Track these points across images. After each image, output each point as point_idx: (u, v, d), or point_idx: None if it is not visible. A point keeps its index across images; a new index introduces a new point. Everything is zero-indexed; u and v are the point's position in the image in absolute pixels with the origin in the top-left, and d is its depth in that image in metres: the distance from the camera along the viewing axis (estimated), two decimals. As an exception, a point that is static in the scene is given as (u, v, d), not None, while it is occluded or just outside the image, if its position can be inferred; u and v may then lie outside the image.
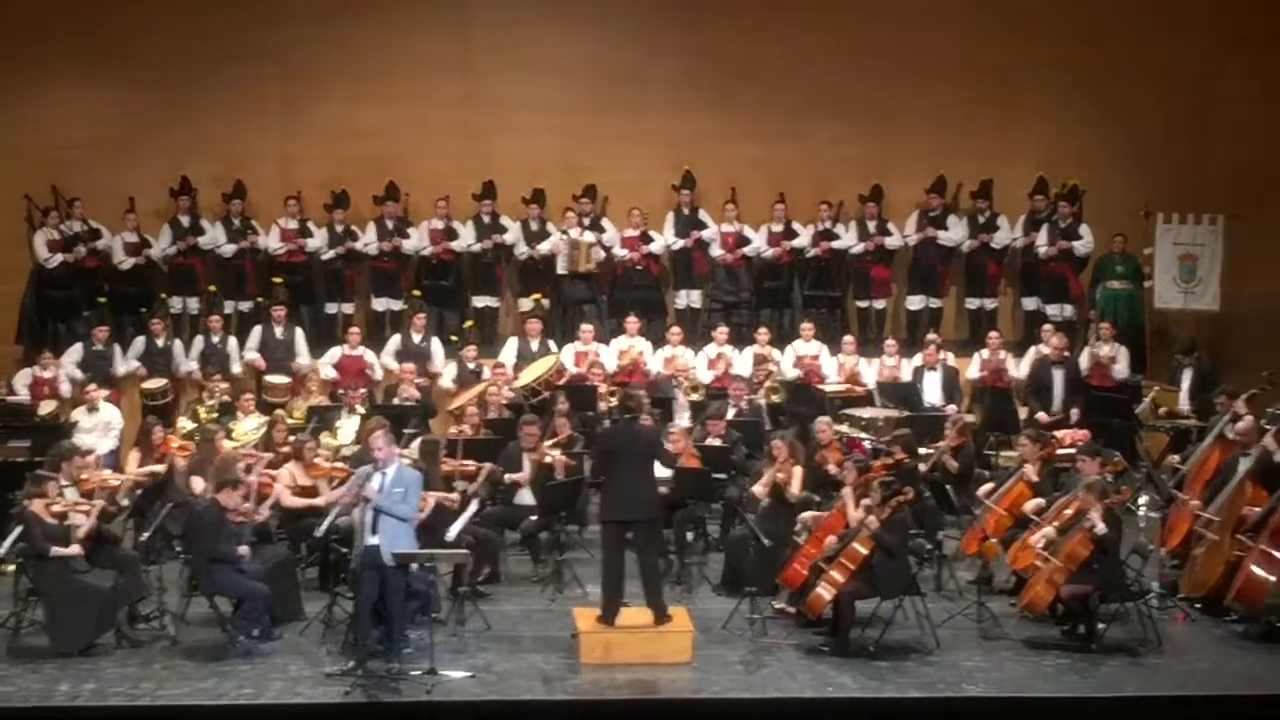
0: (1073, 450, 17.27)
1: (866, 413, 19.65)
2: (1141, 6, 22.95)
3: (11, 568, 15.55)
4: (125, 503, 16.17)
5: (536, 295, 22.26)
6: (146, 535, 15.28)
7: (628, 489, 14.42)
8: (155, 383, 20.74)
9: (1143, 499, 16.42)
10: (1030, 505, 15.54)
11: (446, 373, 21.11)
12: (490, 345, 21.87)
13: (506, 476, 17.03)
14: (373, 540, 13.73)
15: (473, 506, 15.87)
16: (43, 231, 21.77)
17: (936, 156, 23.00)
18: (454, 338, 21.68)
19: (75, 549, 14.41)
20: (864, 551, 14.47)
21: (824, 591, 14.49)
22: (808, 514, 15.73)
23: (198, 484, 16.25)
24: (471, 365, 20.95)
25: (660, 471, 15.35)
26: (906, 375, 21.06)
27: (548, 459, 17.14)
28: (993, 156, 23.06)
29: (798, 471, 16.48)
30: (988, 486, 16.50)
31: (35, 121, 22.42)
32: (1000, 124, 23.25)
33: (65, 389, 20.52)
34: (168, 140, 22.49)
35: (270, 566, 14.96)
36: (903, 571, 14.71)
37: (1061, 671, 14.08)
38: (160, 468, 17.27)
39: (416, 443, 17.25)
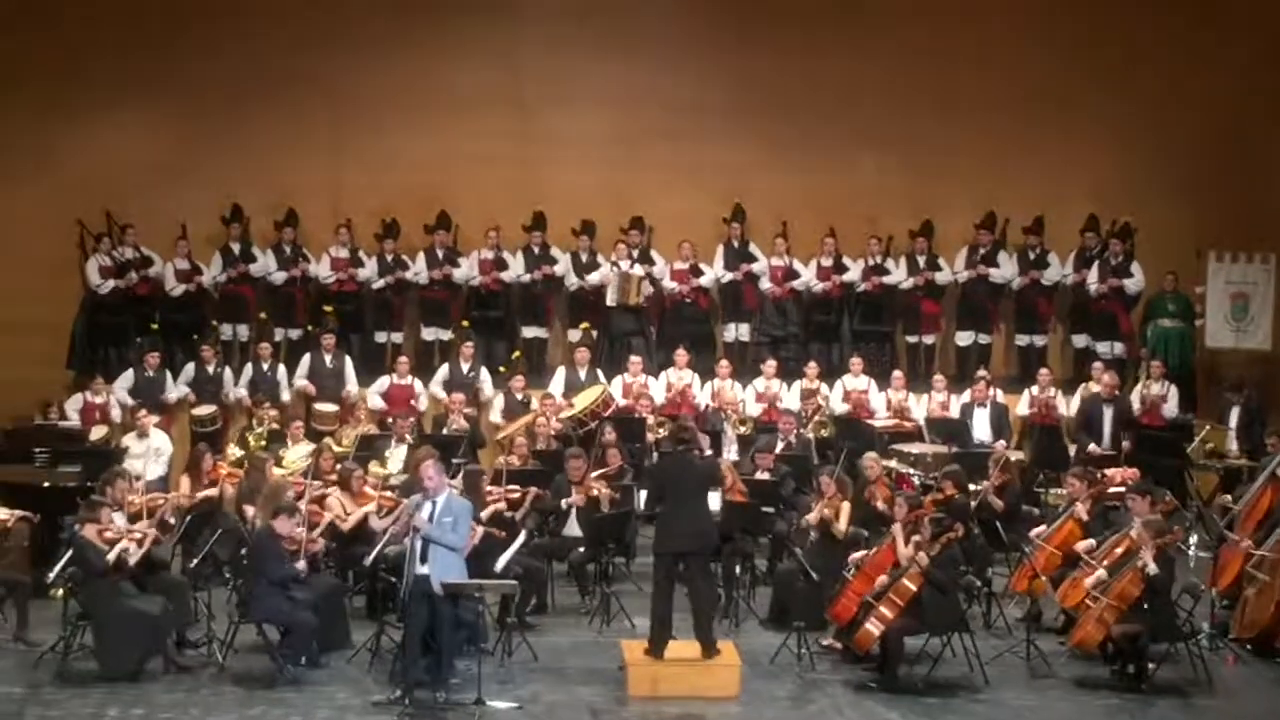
0: (1123, 488, 17.15)
1: (915, 448, 19.63)
2: (1195, 44, 22.92)
3: (60, 592, 15.63)
4: (172, 520, 16.13)
5: (585, 325, 22.24)
6: (196, 562, 15.32)
7: (681, 521, 14.37)
8: (205, 409, 20.82)
9: (1193, 538, 16.32)
10: (1082, 545, 15.43)
11: (495, 403, 21.12)
12: (538, 376, 21.87)
13: (563, 502, 17.01)
14: (422, 570, 13.72)
15: (521, 537, 15.86)
16: (95, 258, 21.88)
17: (986, 191, 23.01)
18: (502, 369, 21.68)
19: (128, 547, 14.43)
20: (913, 588, 14.41)
21: (873, 627, 14.43)
22: (857, 554, 15.64)
23: (250, 511, 16.27)
24: (519, 396, 20.95)
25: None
26: (955, 411, 21.00)
27: (594, 492, 17.12)
28: (1044, 192, 23.06)
29: (845, 507, 16.45)
30: (1041, 528, 16.39)
31: (88, 148, 22.51)
32: (1052, 160, 23.22)
33: (116, 414, 20.60)
34: (220, 167, 22.62)
35: (319, 595, 14.96)
36: (953, 608, 14.64)
37: (1112, 712, 14.00)
38: (213, 492, 17.34)
39: (461, 472, 17.32)
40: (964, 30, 23.11)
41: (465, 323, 22.22)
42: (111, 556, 14.38)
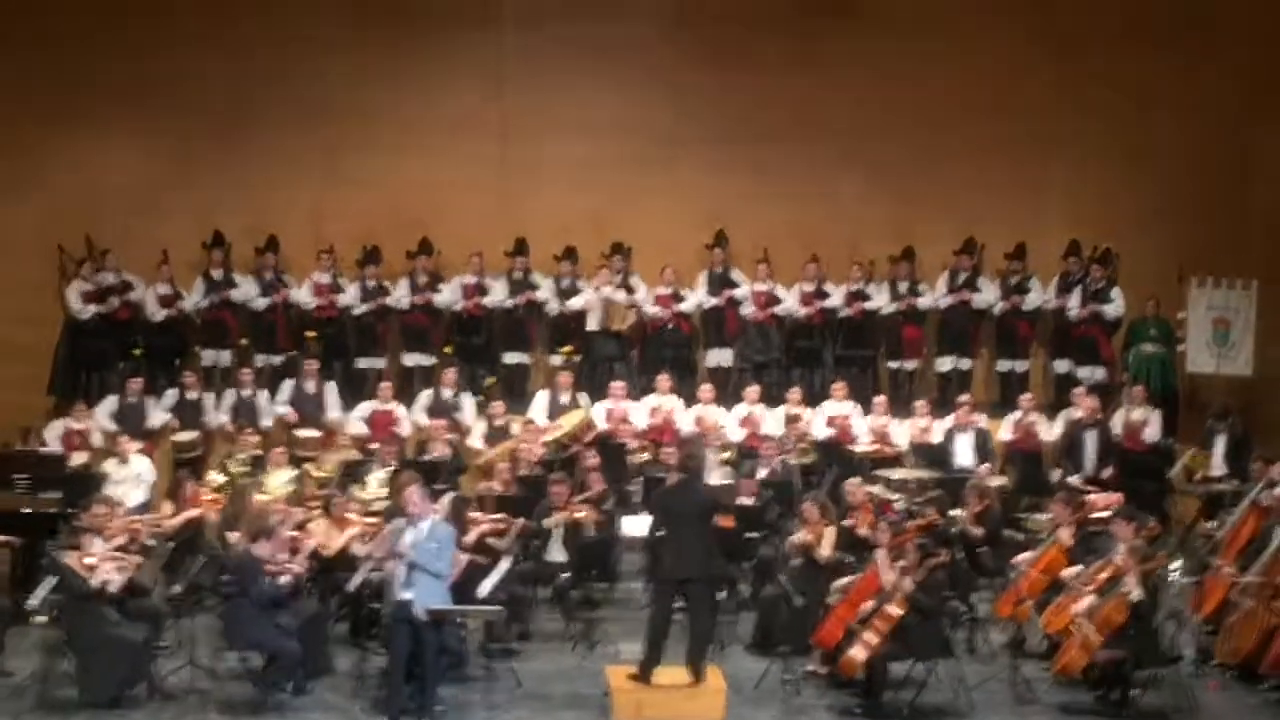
0: (1106, 514, 17.17)
1: (898, 474, 19.61)
2: (1174, 72, 22.89)
3: (44, 619, 15.56)
4: (152, 543, 16.05)
5: (568, 349, 22.22)
6: (180, 588, 15.25)
7: (682, 548, 14.37)
8: (186, 435, 20.76)
9: (1175, 564, 16.31)
10: (1068, 572, 15.45)
11: (475, 429, 21.06)
12: (519, 401, 21.83)
13: (544, 522, 16.97)
14: (406, 595, 13.69)
15: (505, 564, 15.83)
16: (76, 282, 21.80)
17: (967, 218, 23.00)
18: (480, 396, 21.61)
19: (113, 576, 14.36)
20: (898, 613, 14.41)
21: (858, 653, 14.43)
22: (842, 581, 15.62)
23: (234, 537, 16.22)
24: (499, 422, 20.91)
25: None
26: (938, 436, 20.95)
27: (578, 515, 17.09)
28: (1024, 219, 23.08)
29: (829, 532, 16.45)
30: (1026, 555, 16.40)
31: (69, 173, 22.47)
32: (1032, 186, 23.25)
33: (97, 440, 20.49)
34: (201, 193, 22.58)
35: (303, 621, 14.91)
36: (937, 634, 14.66)
37: (1096, 738, 14.02)
38: (196, 512, 17.28)
39: (446, 499, 17.27)
40: (945, 57, 23.06)
41: (448, 348, 22.17)
42: (95, 582, 14.30)
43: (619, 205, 23.06)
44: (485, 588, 15.24)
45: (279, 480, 18.71)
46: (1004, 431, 21.21)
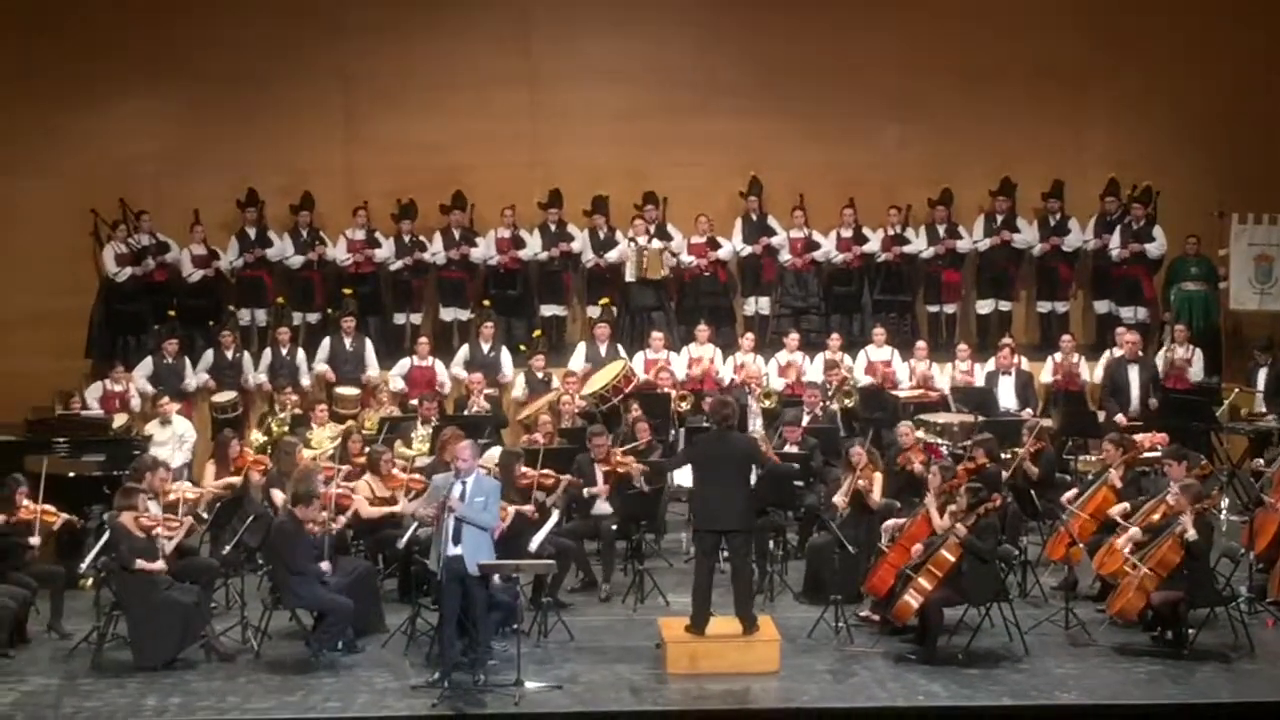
0: (1155, 454, 17.06)
1: (941, 418, 19.55)
2: (1211, 5, 22.71)
3: (89, 582, 15.56)
4: (206, 516, 16.07)
5: (605, 301, 22.12)
6: (228, 549, 15.22)
7: (721, 499, 14.25)
8: (225, 396, 20.74)
9: (1224, 502, 16.22)
10: (1116, 509, 15.35)
11: (516, 383, 21.01)
12: (558, 354, 21.79)
13: (586, 491, 16.89)
14: (455, 550, 13.61)
15: (554, 517, 15.76)
16: (111, 245, 21.74)
17: (1005, 158, 22.84)
18: (522, 347, 21.57)
19: (160, 565, 14.35)
20: (952, 559, 14.32)
21: (912, 599, 14.34)
22: (891, 522, 15.56)
23: (279, 497, 16.19)
24: (540, 375, 20.87)
25: None
26: (979, 380, 20.86)
27: (621, 469, 16.98)
28: (1063, 158, 22.94)
29: (878, 478, 16.35)
30: (1072, 493, 16.31)
31: (102, 135, 22.36)
32: (1071, 125, 23.12)
33: (135, 403, 20.53)
34: (234, 152, 22.46)
35: (352, 579, 14.88)
36: (992, 577, 14.58)
37: (1154, 678, 13.92)
38: (236, 480, 17.27)
39: (494, 452, 17.21)
40: (982, -1, 22.96)
41: (486, 302, 22.07)
42: (144, 566, 14.24)
43: (652, 154, 22.92)
44: (535, 542, 15.13)
45: (323, 437, 18.69)
46: (1046, 373, 21.11)
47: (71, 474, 17.32)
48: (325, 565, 14.65)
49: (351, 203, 22.45)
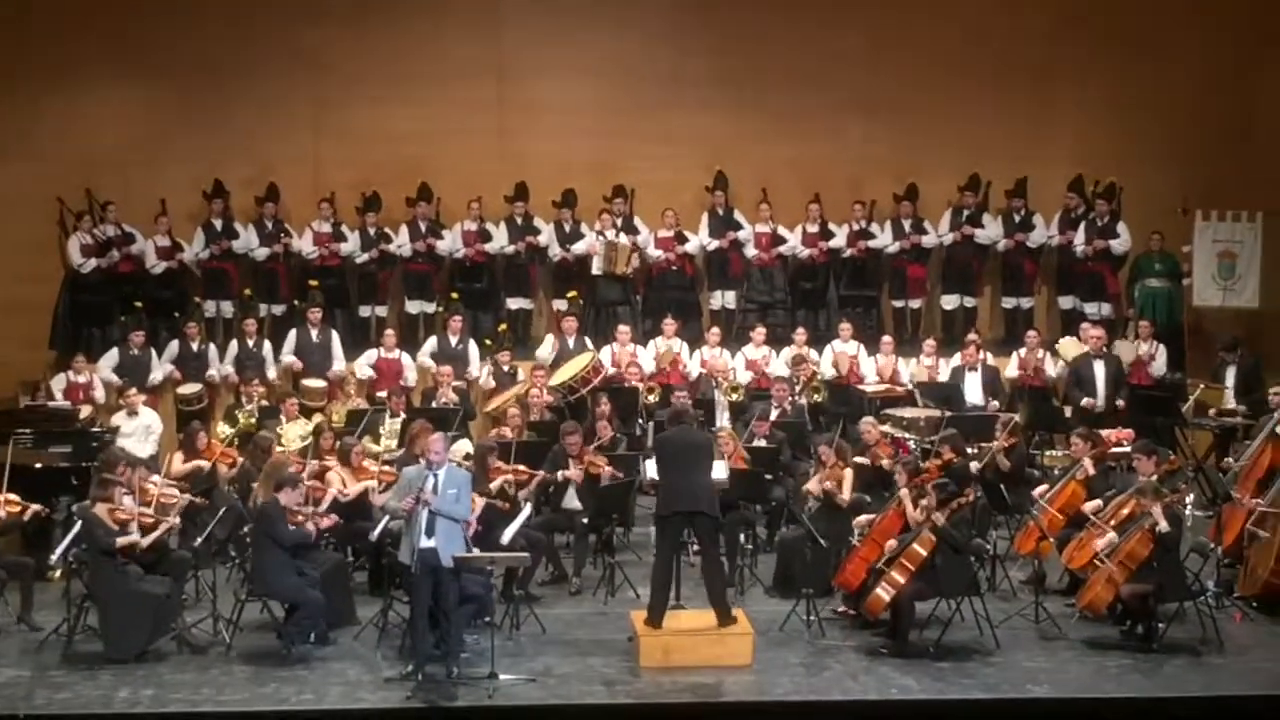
0: (1123, 449, 17.15)
1: (908, 413, 19.56)
2: (1176, 3, 22.87)
3: (58, 574, 15.49)
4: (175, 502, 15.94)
5: (572, 294, 22.14)
6: (199, 541, 15.18)
7: (684, 485, 14.28)
8: (190, 388, 20.65)
9: (1189, 497, 16.31)
10: (1089, 506, 15.44)
11: (482, 375, 21.00)
12: (524, 347, 21.82)
13: (560, 474, 16.85)
14: (428, 543, 13.58)
15: (526, 510, 15.74)
16: (76, 236, 21.64)
17: (970, 154, 22.93)
18: (488, 341, 21.55)
19: (136, 537, 14.29)
20: (924, 552, 14.38)
21: (883, 593, 14.40)
22: (863, 517, 15.61)
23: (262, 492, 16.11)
24: (506, 368, 20.87)
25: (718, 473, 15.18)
26: (944, 375, 20.93)
27: (593, 470, 16.96)
28: (1028, 154, 22.99)
29: (848, 474, 16.35)
30: (1043, 488, 16.40)
31: (68, 125, 22.29)
32: (1035, 121, 23.22)
33: (99, 394, 20.44)
34: (200, 143, 22.40)
35: (324, 571, 14.83)
36: (965, 570, 14.63)
37: (1125, 672, 14.01)
38: (204, 463, 17.18)
39: (461, 444, 17.21)
40: (948, -6, 23.06)
41: (454, 295, 22.07)
42: (124, 541, 14.23)
43: (618, 148, 22.94)
44: (507, 535, 15.12)
45: (294, 432, 18.65)
46: (1011, 368, 21.17)
47: (38, 465, 17.23)
48: (310, 527, 14.72)
49: (317, 194, 22.42)
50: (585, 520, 16.56)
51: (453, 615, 13.78)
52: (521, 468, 16.34)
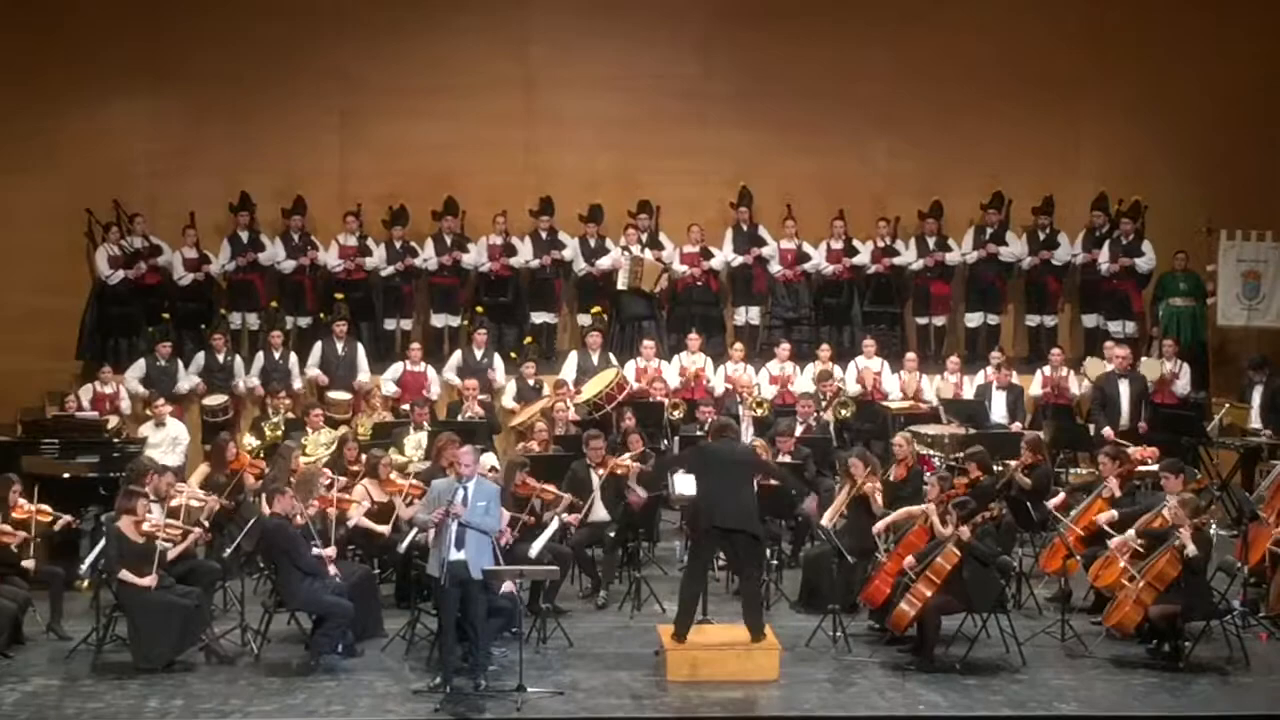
0: (1151, 467, 17.15)
1: (933, 429, 19.61)
2: (1202, 23, 22.91)
3: (86, 584, 15.54)
4: (206, 524, 15.97)
5: (597, 309, 22.18)
6: (228, 553, 15.22)
7: (723, 500, 14.22)
8: (215, 399, 20.73)
9: (1213, 519, 16.30)
10: (1103, 516, 15.45)
11: (507, 390, 21.05)
12: (549, 361, 21.89)
13: (593, 480, 16.86)
14: (458, 556, 13.60)
15: (554, 524, 15.75)
16: (104, 247, 21.70)
17: (995, 172, 22.97)
18: (513, 354, 21.61)
19: (148, 580, 14.19)
20: (949, 566, 14.37)
21: (909, 606, 14.40)
22: (881, 523, 15.58)
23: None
24: (531, 382, 20.91)
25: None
26: (968, 392, 20.96)
27: (619, 471, 16.97)
28: (1052, 172, 23.08)
29: (879, 487, 16.33)
30: (1058, 499, 16.41)
31: (97, 137, 22.42)
32: (1060, 140, 23.28)
33: (125, 405, 20.53)
34: (227, 156, 22.55)
35: (352, 582, 14.87)
36: (994, 585, 14.62)
37: (1152, 690, 13.96)
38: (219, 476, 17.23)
39: (487, 458, 17.24)
40: (972, 10, 23.10)
41: (479, 309, 22.13)
42: (131, 579, 14.20)
43: (644, 163, 23.04)
44: (535, 548, 15.16)
45: (319, 442, 18.70)
46: (1035, 387, 21.20)
47: (66, 475, 17.30)
48: (329, 552, 14.68)
49: (344, 206, 22.49)
50: (612, 533, 16.58)
51: (480, 628, 13.81)
52: (549, 488, 16.29)
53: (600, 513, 16.86)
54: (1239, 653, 14.66)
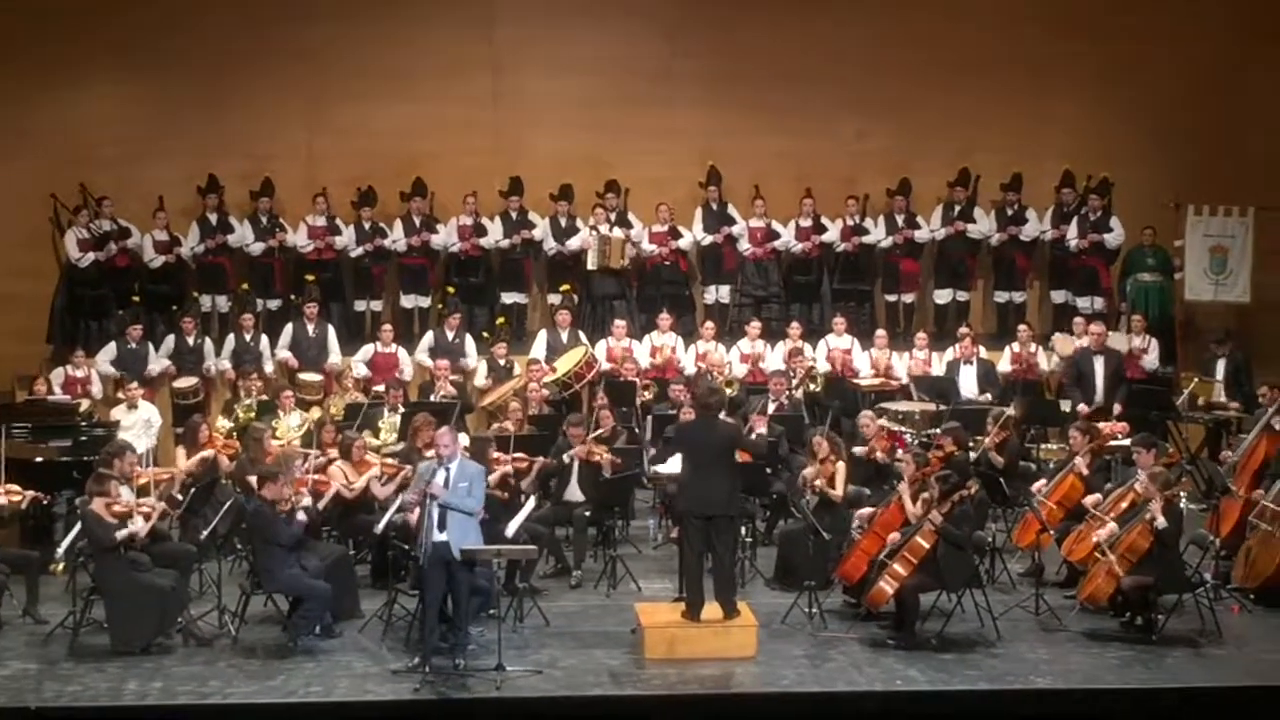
0: (1123, 442, 17.25)
1: (903, 406, 19.73)
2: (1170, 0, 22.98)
3: (61, 568, 15.52)
4: (179, 496, 15.92)
5: (566, 288, 22.20)
6: (204, 535, 15.20)
7: (704, 484, 14.28)
8: (186, 381, 20.69)
9: (1184, 492, 16.42)
10: (1089, 499, 15.55)
11: (479, 370, 21.06)
12: (519, 341, 21.87)
13: (565, 455, 16.92)
14: (440, 537, 13.64)
15: (530, 503, 15.79)
16: (73, 230, 21.63)
17: (963, 150, 23.01)
18: (485, 334, 21.63)
19: (140, 526, 14.29)
20: (926, 545, 14.46)
21: (886, 585, 14.48)
22: (864, 510, 15.69)
23: (254, 483, 16.12)
24: (503, 362, 20.93)
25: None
26: (938, 369, 21.04)
27: (595, 458, 17.03)
28: (1020, 149, 23.12)
29: (841, 468, 16.39)
30: (1041, 483, 16.50)
31: (63, 120, 22.28)
32: (1028, 117, 23.30)
33: (96, 389, 20.46)
34: (195, 138, 22.43)
35: (329, 563, 14.88)
36: (968, 564, 14.72)
37: (1127, 663, 14.09)
38: (210, 453, 17.19)
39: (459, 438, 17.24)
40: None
41: (451, 289, 22.12)
42: (123, 535, 14.25)
43: (613, 143, 23.01)
44: (512, 528, 15.18)
45: (291, 424, 18.69)
46: (1003, 363, 21.24)
47: (38, 459, 17.25)
48: (301, 517, 14.70)
49: (312, 189, 22.42)
50: (587, 513, 16.64)
51: (462, 607, 13.86)
52: (521, 455, 16.37)
53: (574, 493, 16.94)
54: (1211, 625, 14.82)
